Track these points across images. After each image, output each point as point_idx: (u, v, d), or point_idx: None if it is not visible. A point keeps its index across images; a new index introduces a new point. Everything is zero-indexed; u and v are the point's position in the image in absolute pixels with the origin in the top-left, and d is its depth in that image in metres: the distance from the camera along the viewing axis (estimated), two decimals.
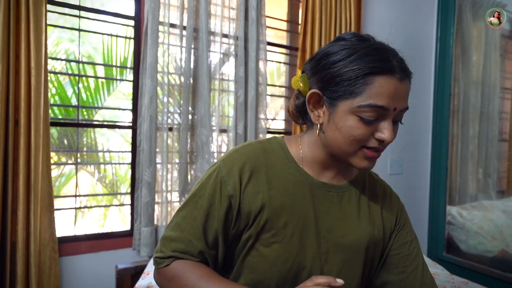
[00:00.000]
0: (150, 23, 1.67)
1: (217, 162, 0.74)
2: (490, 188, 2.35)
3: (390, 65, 0.62)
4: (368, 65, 0.61)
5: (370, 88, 0.61)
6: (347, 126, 0.63)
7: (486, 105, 2.36)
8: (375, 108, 0.61)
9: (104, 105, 2.69)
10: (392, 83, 0.61)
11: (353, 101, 0.62)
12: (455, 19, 2.45)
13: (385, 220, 0.78)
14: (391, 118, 0.64)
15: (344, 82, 0.62)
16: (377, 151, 0.65)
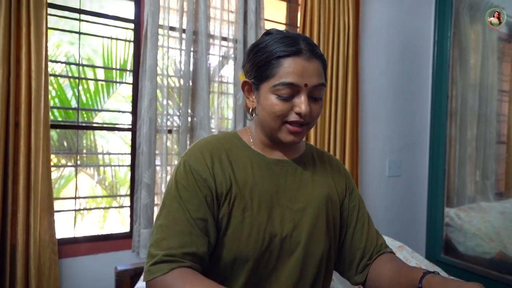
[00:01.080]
0: (150, 26, 1.69)
1: (180, 159, 0.79)
2: (488, 190, 2.36)
3: (297, 48, 0.72)
4: (277, 50, 0.72)
5: (281, 69, 0.71)
6: (268, 104, 0.73)
7: (483, 107, 2.38)
8: (286, 86, 0.71)
9: (103, 108, 2.70)
10: (299, 62, 0.71)
11: (269, 82, 0.73)
12: (452, 22, 2.47)
13: (337, 185, 0.88)
14: (306, 94, 0.72)
15: (261, 67, 0.74)
16: (299, 126, 0.74)
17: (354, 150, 2.23)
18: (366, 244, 0.87)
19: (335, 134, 2.17)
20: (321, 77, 0.75)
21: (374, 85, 2.41)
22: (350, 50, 2.19)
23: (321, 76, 0.75)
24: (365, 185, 2.38)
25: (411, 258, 1.75)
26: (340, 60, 2.17)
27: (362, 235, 0.88)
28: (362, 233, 0.88)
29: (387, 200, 2.49)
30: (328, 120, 2.15)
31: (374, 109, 2.42)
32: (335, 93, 2.17)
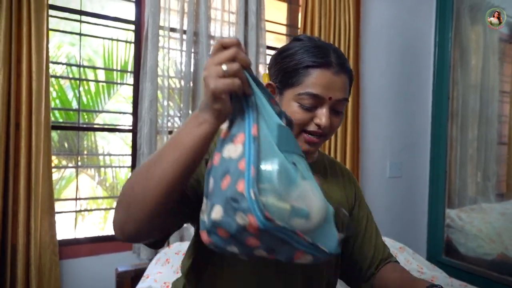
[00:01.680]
0: (150, 27, 1.69)
1: None
2: (489, 191, 2.36)
3: (327, 60, 0.72)
4: (307, 59, 0.72)
5: (308, 79, 0.71)
6: (290, 111, 0.72)
7: (485, 108, 2.37)
8: (311, 96, 0.71)
9: (104, 109, 2.70)
10: (327, 75, 0.71)
11: (294, 90, 0.72)
12: (453, 23, 2.47)
13: (348, 194, 0.88)
14: (328, 106, 0.72)
15: (288, 73, 0.73)
16: (317, 137, 0.74)
17: (354, 151, 2.23)
18: (374, 253, 0.87)
19: (336, 135, 2.17)
20: (346, 92, 0.74)
21: (375, 86, 2.41)
22: (351, 51, 2.19)
23: (346, 91, 0.75)
24: (366, 186, 2.37)
25: (412, 260, 1.74)
26: None
27: (370, 245, 0.88)
28: (371, 243, 0.88)
29: (388, 201, 2.49)
30: None
31: (375, 110, 2.42)
32: None
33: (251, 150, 0.47)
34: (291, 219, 0.47)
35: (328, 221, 0.52)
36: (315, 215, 0.49)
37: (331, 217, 0.53)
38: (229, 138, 0.50)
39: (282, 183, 0.47)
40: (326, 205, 0.52)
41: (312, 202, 0.50)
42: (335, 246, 0.51)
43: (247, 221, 0.43)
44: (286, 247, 0.47)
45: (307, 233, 0.48)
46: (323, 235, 0.50)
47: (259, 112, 0.52)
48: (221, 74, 0.48)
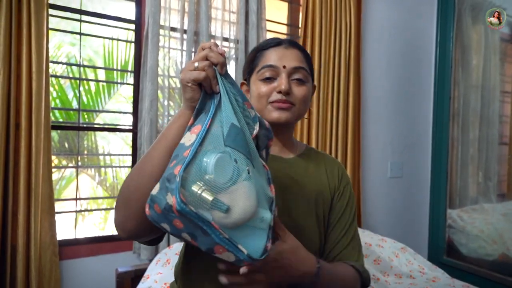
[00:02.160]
0: (150, 27, 1.68)
1: None
2: (490, 192, 2.35)
3: (277, 41, 0.83)
4: (262, 45, 0.84)
5: (263, 58, 0.82)
6: (254, 90, 0.81)
7: (486, 108, 2.36)
8: (267, 68, 0.79)
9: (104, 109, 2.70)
10: (279, 50, 0.81)
11: (255, 72, 0.82)
12: (454, 23, 2.46)
13: (330, 182, 0.88)
14: (286, 74, 0.79)
15: (250, 63, 0.85)
16: (282, 103, 0.79)
17: (355, 151, 2.22)
18: (332, 249, 0.85)
19: (337, 135, 2.16)
20: (301, 62, 0.81)
21: (376, 86, 2.41)
22: (352, 51, 2.19)
23: (301, 61, 0.81)
24: (367, 186, 2.37)
25: (414, 260, 1.74)
26: (341, 61, 2.16)
27: (333, 238, 0.85)
28: (333, 237, 0.85)
29: (389, 202, 2.48)
30: (330, 121, 2.14)
31: (376, 110, 2.41)
32: (336, 94, 2.16)
33: (198, 141, 0.53)
34: (211, 210, 0.50)
35: (255, 225, 0.53)
36: (236, 214, 0.51)
37: (260, 223, 0.54)
38: (190, 127, 0.57)
39: (216, 176, 0.51)
40: (254, 209, 0.53)
41: (238, 201, 0.51)
42: (258, 251, 0.52)
43: (171, 201, 0.47)
44: (207, 238, 0.49)
45: (225, 228, 0.50)
46: (246, 237, 0.52)
47: (221, 110, 0.58)
48: (192, 68, 0.58)
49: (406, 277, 1.60)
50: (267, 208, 0.56)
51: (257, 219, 0.54)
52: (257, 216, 0.54)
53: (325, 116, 2.13)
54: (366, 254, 1.70)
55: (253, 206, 0.53)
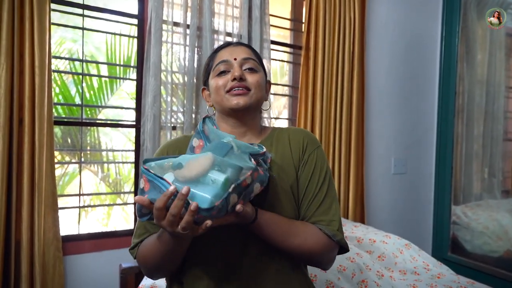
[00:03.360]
0: (153, 22, 1.67)
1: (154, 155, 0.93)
2: (494, 188, 2.34)
3: (227, 42, 0.93)
4: (213, 50, 0.94)
5: (216, 58, 0.91)
6: (213, 85, 0.89)
7: (491, 104, 2.34)
8: (220, 63, 0.88)
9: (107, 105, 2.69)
10: (228, 48, 0.91)
11: (211, 72, 0.90)
12: (460, 17, 2.43)
13: (293, 154, 0.89)
14: (237, 65, 0.87)
15: (206, 68, 0.94)
16: (240, 89, 0.85)
17: (359, 147, 2.21)
18: (304, 217, 0.85)
19: (341, 131, 2.15)
20: (250, 54, 0.90)
21: (380, 82, 2.39)
22: (356, 46, 2.17)
23: (250, 54, 0.90)
24: (371, 182, 2.36)
25: (418, 257, 1.73)
26: (345, 56, 2.14)
27: (303, 205, 0.85)
28: (308, 201, 0.85)
29: (393, 198, 2.47)
30: (334, 117, 2.13)
31: (380, 106, 2.39)
32: (340, 90, 2.14)
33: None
34: (171, 170, 0.65)
35: (206, 183, 0.63)
36: (186, 167, 0.64)
37: (212, 183, 0.63)
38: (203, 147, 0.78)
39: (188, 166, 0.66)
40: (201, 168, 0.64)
41: (190, 163, 0.64)
42: (205, 202, 0.61)
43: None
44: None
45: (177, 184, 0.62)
46: (194, 193, 0.61)
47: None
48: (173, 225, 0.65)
49: (410, 273, 1.59)
50: (225, 173, 0.64)
51: (207, 179, 0.63)
52: (208, 177, 0.63)
53: (329, 111, 2.12)
54: (370, 250, 1.69)
55: (201, 165, 0.64)
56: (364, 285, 1.38)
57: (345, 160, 2.15)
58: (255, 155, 0.74)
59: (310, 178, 0.86)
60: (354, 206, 2.18)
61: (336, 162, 2.14)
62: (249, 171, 0.67)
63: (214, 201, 0.60)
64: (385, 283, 1.44)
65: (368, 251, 1.68)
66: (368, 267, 1.47)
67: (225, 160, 0.66)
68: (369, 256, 1.59)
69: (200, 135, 0.78)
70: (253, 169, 0.67)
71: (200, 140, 0.78)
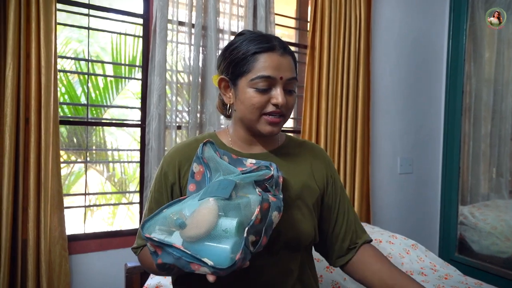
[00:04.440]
0: (158, 21, 1.67)
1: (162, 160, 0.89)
2: (502, 188, 2.31)
3: (271, 45, 0.79)
4: (254, 47, 0.79)
5: (258, 64, 0.78)
6: (247, 97, 0.79)
7: (498, 103, 2.31)
8: (264, 78, 0.77)
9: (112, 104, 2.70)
10: (274, 57, 0.78)
11: (247, 77, 0.78)
12: (468, 15, 2.40)
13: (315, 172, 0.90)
14: (281, 86, 0.79)
15: (239, 63, 0.79)
16: (277, 117, 0.80)
17: (365, 146, 2.19)
18: (346, 230, 0.92)
19: (346, 130, 2.13)
20: (294, 72, 0.81)
21: (386, 80, 2.37)
22: (362, 44, 2.15)
23: (294, 71, 0.81)
24: (376, 182, 2.34)
25: (425, 257, 1.71)
26: (351, 55, 2.13)
27: (343, 221, 0.92)
28: (343, 219, 0.92)
29: (399, 198, 2.45)
30: (339, 116, 2.12)
31: (386, 105, 2.37)
32: (346, 89, 2.13)
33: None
34: (174, 229, 0.59)
35: (219, 236, 0.57)
36: (190, 226, 0.57)
37: (225, 233, 0.57)
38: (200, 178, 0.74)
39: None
40: (209, 220, 0.57)
41: (192, 217, 0.58)
42: (225, 260, 0.55)
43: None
44: (182, 261, 0.55)
45: (189, 244, 0.56)
46: (211, 248, 0.56)
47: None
48: None
49: (417, 274, 1.58)
50: (235, 217, 0.58)
51: (218, 230, 0.57)
52: (219, 228, 0.57)
53: (334, 111, 2.11)
54: None
55: (207, 218, 0.57)
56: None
57: (350, 160, 2.13)
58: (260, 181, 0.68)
59: (340, 195, 0.93)
60: (359, 206, 2.16)
61: (342, 161, 2.13)
62: (257, 206, 0.61)
63: (234, 256, 0.55)
64: None
65: None
66: None
67: (231, 203, 0.60)
68: None
69: (200, 160, 0.73)
70: (260, 202, 0.62)
71: (200, 166, 0.73)
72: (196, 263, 0.54)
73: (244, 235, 0.57)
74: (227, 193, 0.61)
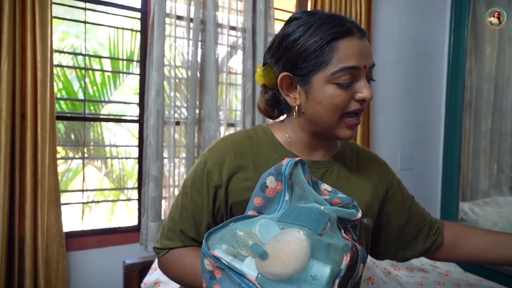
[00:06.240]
0: (156, 15, 1.65)
1: (204, 152, 0.74)
2: (502, 184, 2.30)
3: (347, 27, 0.64)
4: (328, 32, 0.63)
5: (338, 53, 0.63)
6: (327, 96, 0.64)
7: (499, 99, 2.30)
8: (347, 70, 0.63)
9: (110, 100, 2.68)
10: (355, 42, 0.64)
11: (325, 71, 0.64)
12: (469, 10, 2.38)
13: (378, 186, 0.79)
14: (364, 77, 0.65)
15: (311, 55, 0.64)
16: (356, 118, 0.67)
17: (365, 143, 2.18)
18: (428, 218, 0.87)
19: None
20: (372, 55, 0.68)
21: (386, 76, 2.35)
22: None
23: (371, 54, 0.68)
24: None
25: None
26: None
27: (423, 214, 0.87)
28: (421, 212, 0.87)
29: None
30: None
31: (386, 101, 2.36)
32: None
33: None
34: (250, 255, 0.48)
35: (305, 281, 0.46)
36: (277, 261, 0.46)
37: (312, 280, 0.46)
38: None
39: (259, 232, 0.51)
40: (300, 260, 0.47)
41: (279, 250, 0.47)
42: None
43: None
44: None
45: (263, 282, 0.46)
46: None
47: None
48: None
49: (417, 270, 1.57)
50: (328, 264, 0.48)
51: (306, 274, 0.47)
52: (307, 271, 0.47)
53: None
54: None
55: (298, 257, 0.47)
56: (370, 282, 1.36)
57: None
58: (344, 219, 0.56)
59: (408, 197, 0.86)
60: None
61: None
62: (347, 254, 0.51)
63: None
64: (392, 281, 1.42)
65: None
66: (375, 264, 1.45)
67: (322, 241, 0.49)
68: None
69: (280, 177, 0.59)
70: (350, 249, 0.51)
71: (278, 182, 0.59)
72: None
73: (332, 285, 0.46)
74: (320, 228, 0.50)
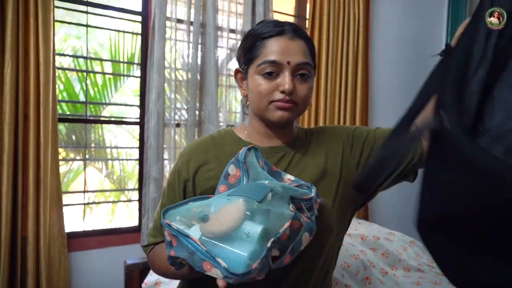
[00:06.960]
0: (157, 18, 1.67)
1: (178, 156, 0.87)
2: None
3: (280, 29, 0.74)
4: (262, 32, 0.75)
5: (265, 49, 0.73)
6: (254, 85, 0.75)
7: None
8: (269, 63, 0.72)
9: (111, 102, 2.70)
10: (282, 41, 0.73)
11: (255, 64, 0.75)
12: (466, 12, 2.40)
13: (335, 154, 0.82)
14: (289, 71, 0.73)
15: (248, 51, 0.76)
16: (285, 103, 0.74)
17: None
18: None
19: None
20: (306, 57, 0.74)
21: (385, 78, 2.37)
22: (360, 41, 2.15)
23: (306, 56, 0.75)
24: None
25: (422, 254, 1.72)
26: (350, 51, 2.13)
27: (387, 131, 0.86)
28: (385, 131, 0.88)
29: (397, 194, 2.46)
30: (338, 113, 2.12)
31: (384, 102, 2.38)
32: (344, 86, 2.13)
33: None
34: (194, 221, 0.57)
35: (240, 238, 0.52)
36: (215, 222, 0.54)
37: (246, 237, 0.53)
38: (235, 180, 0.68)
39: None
40: (234, 224, 0.53)
41: (217, 213, 0.55)
42: (239, 266, 0.50)
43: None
44: (196, 257, 0.52)
45: (208, 241, 0.53)
46: (224, 253, 0.52)
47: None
48: None
49: (414, 270, 1.59)
50: (262, 224, 0.54)
51: (241, 232, 0.53)
52: (241, 229, 0.53)
53: (333, 107, 2.11)
54: (374, 247, 1.69)
55: (233, 218, 0.54)
56: (368, 282, 1.38)
57: None
58: (296, 200, 0.62)
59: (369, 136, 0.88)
60: None
61: None
62: (287, 221, 0.56)
63: (251, 263, 0.50)
64: (389, 281, 1.43)
65: (372, 248, 1.68)
66: (372, 264, 1.47)
67: (261, 208, 0.55)
68: (373, 253, 1.58)
69: (239, 164, 0.67)
70: (291, 218, 0.57)
71: (237, 169, 0.67)
72: (210, 262, 0.51)
73: (267, 245, 0.52)
74: (259, 196, 0.56)
